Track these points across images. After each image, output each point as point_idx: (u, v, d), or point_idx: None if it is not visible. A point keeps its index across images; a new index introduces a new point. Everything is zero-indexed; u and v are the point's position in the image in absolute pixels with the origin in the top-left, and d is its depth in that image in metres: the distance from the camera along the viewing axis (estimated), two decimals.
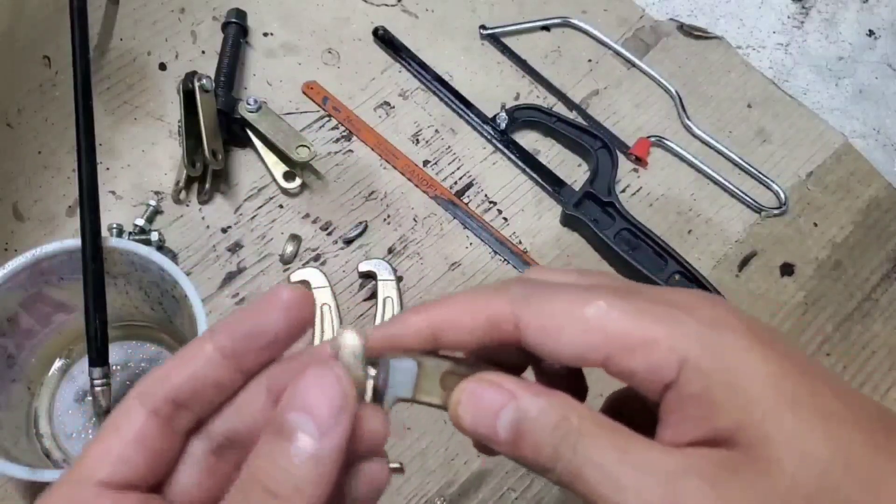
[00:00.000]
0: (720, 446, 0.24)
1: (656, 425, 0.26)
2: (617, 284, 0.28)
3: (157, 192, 0.60)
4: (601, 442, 0.25)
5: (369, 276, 0.58)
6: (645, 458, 0.24)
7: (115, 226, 0.57)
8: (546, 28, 0.71)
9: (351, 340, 0.27)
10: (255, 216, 0.60)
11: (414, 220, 0.61)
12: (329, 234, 0.60)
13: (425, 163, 0.64)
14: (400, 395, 0.28)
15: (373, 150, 0.64)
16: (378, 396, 0.28)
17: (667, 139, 0.66)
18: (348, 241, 0.60)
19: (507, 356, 0.29)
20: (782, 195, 0.65)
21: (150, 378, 0.24)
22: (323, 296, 0.57)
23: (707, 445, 0.24)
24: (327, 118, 0.65)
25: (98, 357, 0.46)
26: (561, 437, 0.25)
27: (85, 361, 0.47)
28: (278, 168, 0.61)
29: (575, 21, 0.71)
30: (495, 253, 0.61)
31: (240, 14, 0.66)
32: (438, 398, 0.28)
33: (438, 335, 0.27)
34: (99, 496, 0.23)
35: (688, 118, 0.67)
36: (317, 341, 0.55)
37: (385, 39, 0.68)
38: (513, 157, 0.64)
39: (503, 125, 0.65)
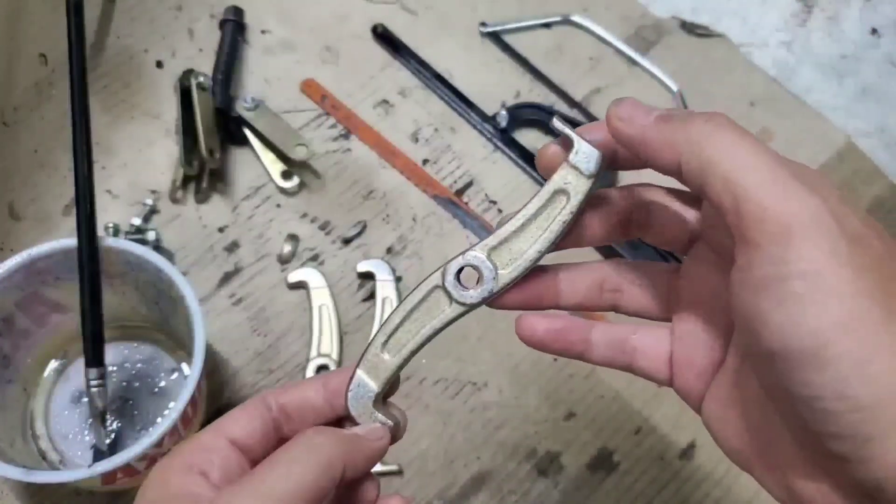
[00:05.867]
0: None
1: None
2: None
3: (153, 192, 0.60)
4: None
5: (368, 277, 0.58)
6: None
7: (111, 225, 0.57)
8: (547, 26, 0.70)
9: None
10: (252, 215, 0.60)
11: (413, 219, 0.61)
12: (327, 233, 0.60)
13: (425, 162, 0.63)
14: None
15: (371, 148, 0.63)
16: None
17: None
18: (347, 241, 0.60)
19: None
20: None
21: (277, 388, 0.33)
22: (321, 296, 0.56)
23: None
24: (325, 116, 0.64)
25: (94, 358, 0.46)
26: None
27: (81, 362, 0.47)
28: (276, 167, 0.60)
29: (576, 18, 0.70)
30: None
31: (237, 11, 0.66)
32: None
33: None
34: (228, 446, 0.31)
35: None
36: (314, 343, 0.55)
37: (384, 37, 0.68)
38: (513, 155, 0.64)
39: (503, 123, 0.64)
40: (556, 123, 0.30)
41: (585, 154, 0.29)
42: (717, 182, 0.25)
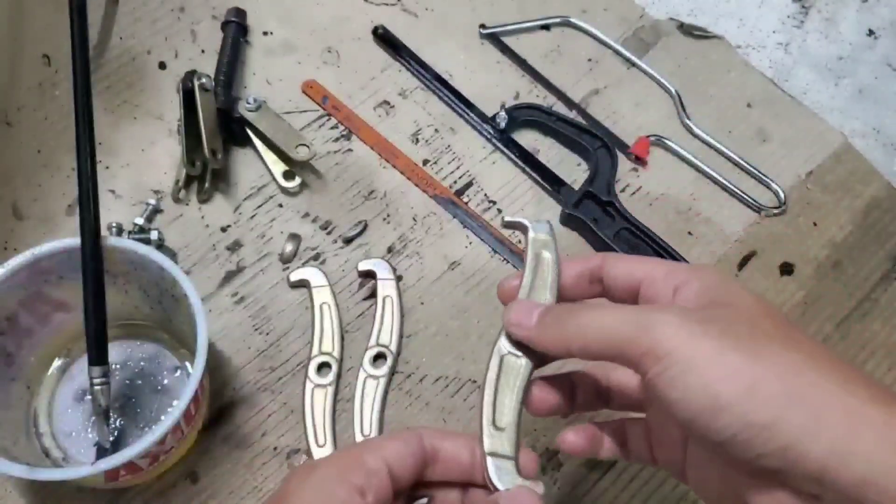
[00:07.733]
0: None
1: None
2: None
3: (156, 191, 0.60)
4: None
5: (369, 276, 0.58)
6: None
7: (114, 225, 0.57)
8: (546, 27, 0.71)
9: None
10: (254, 215, 0.60)
11: (413, 219, 0.61)
12: (329, 233, 0.60)
13: (425, 162, 0.64)
14: None
15: (372, 149, 0.64)
16: None
17: (666, 139, 0.66)
18: (348, 241, 0.60)
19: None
20: (782, 195, 0.65)
21: (435, 430, 0.37)
22: (322, 295, 0.57)
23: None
24: (327, 117, 0.65)
25: (97, 356, 0.47)
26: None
27: (84, 360, 0.47)
28: (278, 167, 0.61)
29: (575, 20, 0.71)
30: (495, 252, 0.61)
31: (239, 13, 0.66)
32: None
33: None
34: (386, 472, 0.33)
35: (687, 118, 0.67)
36: (315, 342, 0.55)
37: (385, 38, 0.68)
38: (512, 156, 0.64)
39: (503, 124, 0.65)
40: (507, 220, 0.41)
41: (539, 226, 0.41)
42: (593, 352, 0.33)
